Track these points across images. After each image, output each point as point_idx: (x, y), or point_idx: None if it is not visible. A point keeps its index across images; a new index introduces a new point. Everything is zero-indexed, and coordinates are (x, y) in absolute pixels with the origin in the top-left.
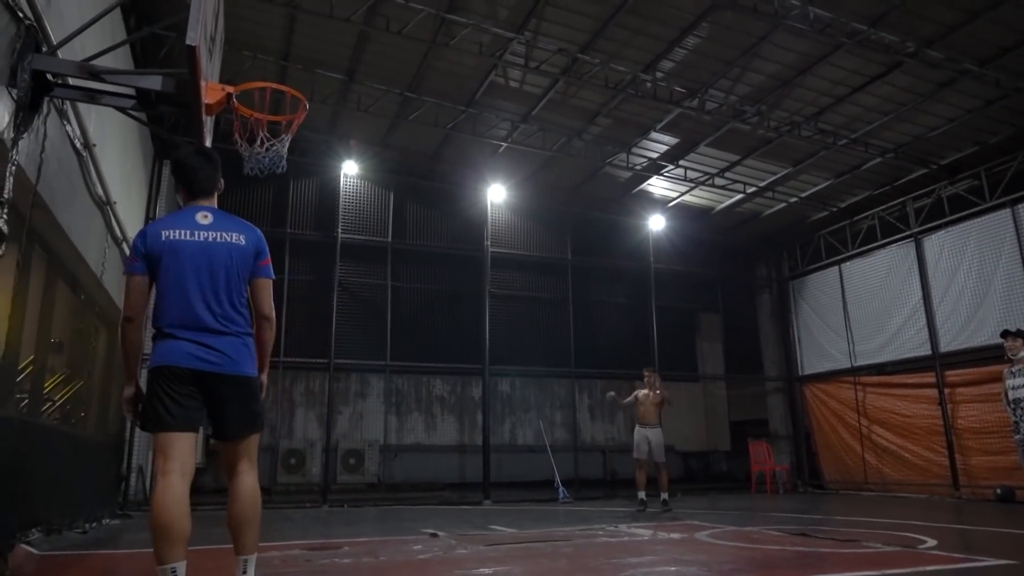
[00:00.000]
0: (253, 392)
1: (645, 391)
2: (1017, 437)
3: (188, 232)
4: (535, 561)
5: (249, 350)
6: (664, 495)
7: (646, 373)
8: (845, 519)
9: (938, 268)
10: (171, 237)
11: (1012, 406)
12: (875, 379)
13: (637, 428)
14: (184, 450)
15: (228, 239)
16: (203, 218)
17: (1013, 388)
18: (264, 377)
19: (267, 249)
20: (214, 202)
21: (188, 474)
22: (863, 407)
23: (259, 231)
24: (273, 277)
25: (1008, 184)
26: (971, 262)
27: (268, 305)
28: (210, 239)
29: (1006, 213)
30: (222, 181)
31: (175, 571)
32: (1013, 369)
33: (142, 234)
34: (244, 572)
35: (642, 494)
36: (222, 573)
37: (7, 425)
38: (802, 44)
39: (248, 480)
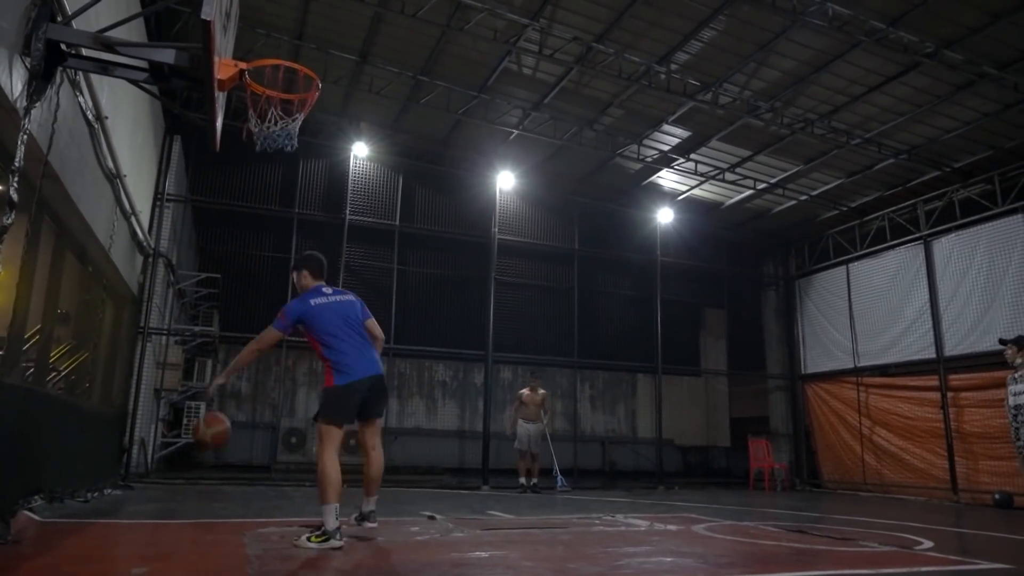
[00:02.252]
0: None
1: (528, 392)
2: (1018, 444)
3: (324, 299)
4: (532, 547)
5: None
6: (534, 480)
7: (531, 379)
8: (842, 518)
9: (946, 272)
10: (317, 303)
11: (1013, 412)
12: (878, 380)
13: (521, 423)
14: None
15: (347, 298)
16: (327, 290)
17: (1015, 394)
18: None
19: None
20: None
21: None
22: (865, 408)
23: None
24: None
25: (1021, 189)
26: (980, 267)
27: (378, 330)
28: (338, 300)
29: (1018, 219)
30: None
31: (336, 509)
32: (1016, 376)
33: (295, 306)
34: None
35: (523, 479)
36: (222, 547)
37: (13, 393)
38: (819, 41)
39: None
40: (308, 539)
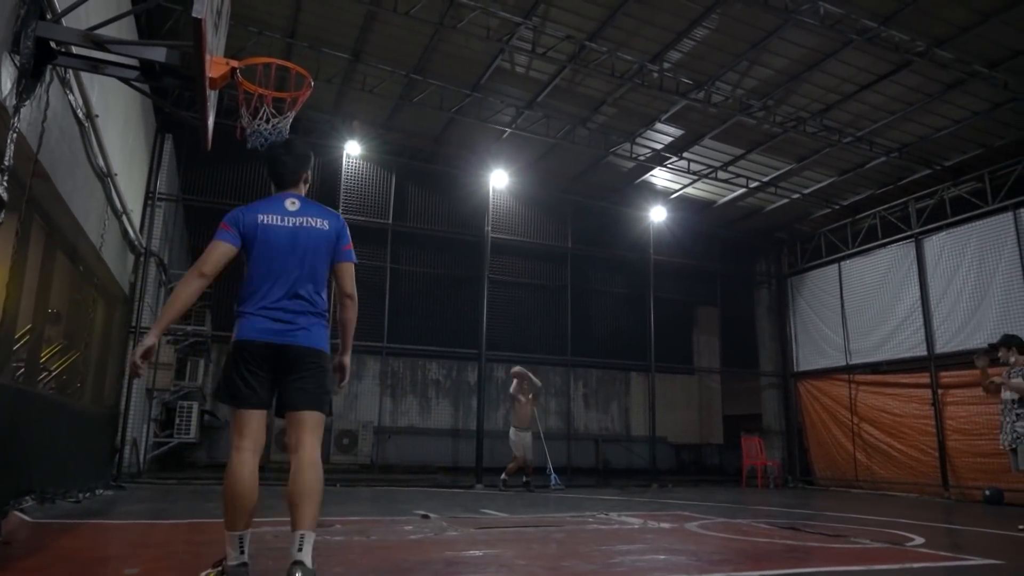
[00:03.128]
0: (325, 368)
1: (517, 393)
2: (1002, 436)
3: (279, 217)
4: (525, 545)
5: (323, 329)
6: (527, 478)
7: (516, 375)
8: (834, 515)
9: (937, 269)
10: (265, 222)
11: (1001, 407)
12: (869, 378)
13: (513, 430)
14: (257, 427)
15: (313, 224)
16: (291, 205)
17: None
18: (347, 359)
19: (349, 234)
20: (301, 191)
21: (259, 450)
22: (856, 405)
23: (342, 218)
24: (355, 261)
25: (1011, 188)
26: (970, 265)
27: (350, 285)
28: (297, 224)
29: (1008, 217)
30: (308, 173)
31: (242, 539)
32: (1011, 372)
33: (240, 211)
34: (300, 549)
35: (504, 476)
36: (214, 547)
37: (3, 393)
38: (811, 39)
39: (309, 455)
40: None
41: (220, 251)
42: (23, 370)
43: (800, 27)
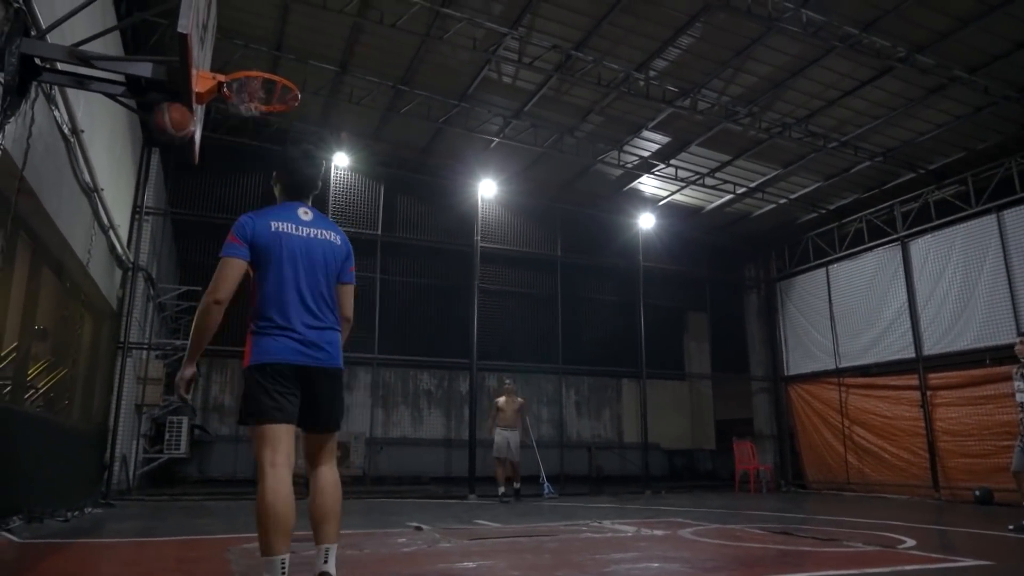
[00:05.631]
0: (342, 386)
1: (504, 399)
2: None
3: (293, 226)
4: (519, 556)
5: (340, 344)
6: (517, 485)
7: (507, 382)
8: (826, 518)
9: (923, 272)
10: (279, 229)
11: (1020, 408)
12: (859, 380)
13: (498, 431)
14: (289, 442)
15: (326, 237)
16: (304, 214)
17: (1020, 391)
18: None
19: (353, 254)
20: (309, 202)
21: (292, 465)
22: (846, 408)
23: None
24: (355, 283)
25: (994, 190)
26: (956, 267)
27: (351, 308)
28: (312, 235)
29: (991, 219)
30: (320, 183)
31: (284, 563)
32: (1023, 371)
33: (249, 218)
34: (325, 561)
35: (503, 488)
36: (204, 564)
37: None
38: (795, 46)
39: (331, 473)
40: None
41: (233, 271)
42: (9, 388)
43: (783, 34)
